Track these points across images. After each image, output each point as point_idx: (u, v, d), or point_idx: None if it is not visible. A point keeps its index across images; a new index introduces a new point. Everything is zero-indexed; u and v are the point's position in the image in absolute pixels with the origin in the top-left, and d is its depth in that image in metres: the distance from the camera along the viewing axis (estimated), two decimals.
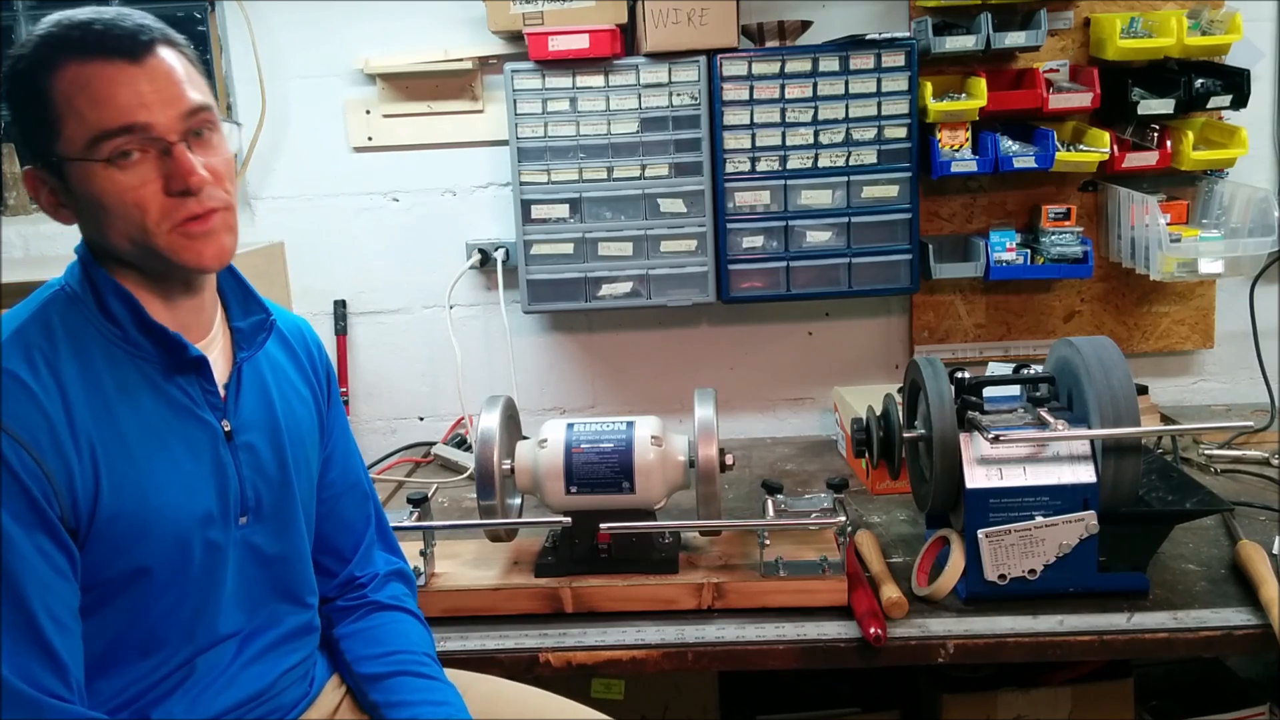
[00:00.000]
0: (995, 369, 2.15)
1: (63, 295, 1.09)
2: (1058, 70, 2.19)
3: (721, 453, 1.54)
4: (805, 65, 2.08)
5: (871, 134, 2.10)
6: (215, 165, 1.06)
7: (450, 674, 1.34)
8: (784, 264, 2.16)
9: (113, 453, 1.04)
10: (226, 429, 1.14)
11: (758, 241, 2.15)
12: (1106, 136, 2.09)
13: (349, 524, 1.36)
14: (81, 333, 1.07)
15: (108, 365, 1.07)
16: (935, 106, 2.08)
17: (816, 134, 2.10)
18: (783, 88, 2.09)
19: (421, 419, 2.45)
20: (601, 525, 1.54)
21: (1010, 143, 2.12)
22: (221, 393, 1.15)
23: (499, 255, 2.30)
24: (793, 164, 2.11)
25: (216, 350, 1.16)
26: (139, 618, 1.08)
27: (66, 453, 1.01)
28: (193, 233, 1.05)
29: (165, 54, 1.05)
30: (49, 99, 1.02)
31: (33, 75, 1.03)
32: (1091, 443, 1.50)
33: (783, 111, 2.10)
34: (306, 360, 1.31)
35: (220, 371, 1.16)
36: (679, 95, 2.10)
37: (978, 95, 2.09)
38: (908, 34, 2.13)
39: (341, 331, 2.39)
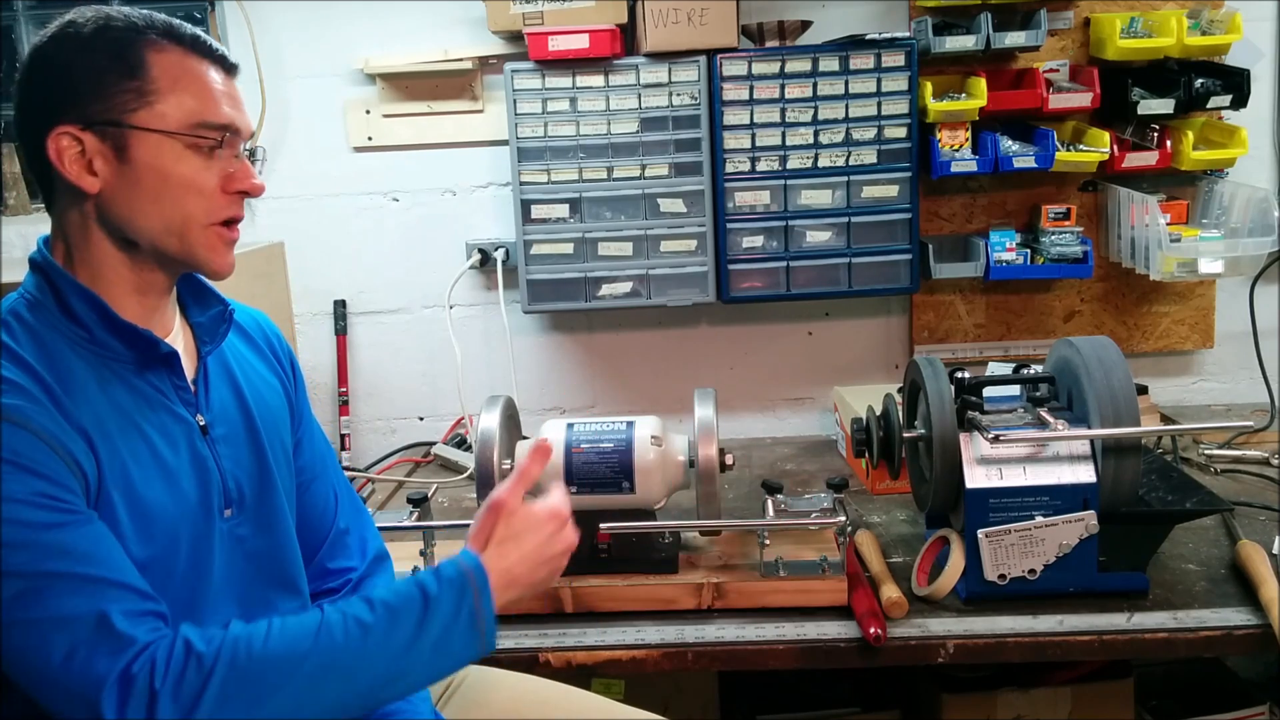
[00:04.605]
0: (995, 369, 2.15)
1: (23, 303, 1.09)
2: (1058, 70, 2.19)
3: (721, 453, 1.54)
4: (805, 65, 2.08)
5: (871, 134, 2.10)
6: None
7: (491, 673, 1.37)
8: (784, 264, 2.16)
9: (99, 446, 1.03)
10: (201, 423, 1.15)
11: (758, 241, 2.15)
12: (1106, 136, 2.09)
13: (320, 510, 1.36)
14: (48, 336, 1.06)
15: (80, 364, 1.07)
16: (935, 106, 2.08)
17: (816, 134, 2.10)
18: (783, 88, 2.09)
19: (421, 419, 2.45)
20: (601, 525, 1.54)
21: (1010, 143, 2.12)
22: (192, 388, 1.16)
23: (499, 255, 2.29)
24: (793, 164, 2.11)
25: (180, 347, 1.17)
26: None
27: (72, 438, 1.01)
28: (226, 238, 1.13)
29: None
30: (144, 67, 1.06)
31: (128, 38, 1.07)
32: (1091, 443, 1.50)
33: (783, 111, 2.10)
34: (267, 348, 1.32)
35: (186, 368, 1.16)
36: (679, 95, 2.10)
37: (978, 95, 2.09)
38: (908, 34, 2.13)
39: (341, 331, 2.39)
